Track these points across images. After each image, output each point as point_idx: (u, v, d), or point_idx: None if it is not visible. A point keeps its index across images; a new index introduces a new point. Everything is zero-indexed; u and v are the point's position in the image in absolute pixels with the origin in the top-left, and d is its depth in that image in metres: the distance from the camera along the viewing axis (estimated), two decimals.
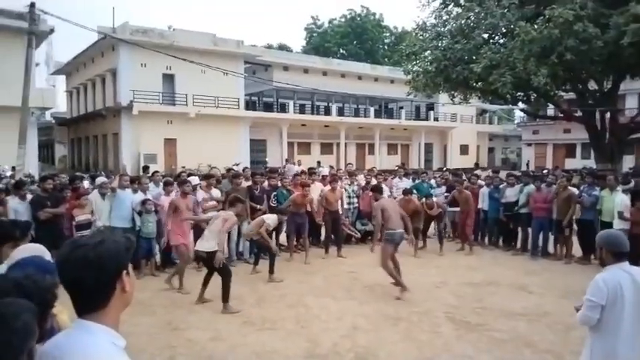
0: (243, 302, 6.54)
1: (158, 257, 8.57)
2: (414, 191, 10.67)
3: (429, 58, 19.10)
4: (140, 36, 25.49)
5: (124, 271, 1.39)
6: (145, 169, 12.06)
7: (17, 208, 7.20)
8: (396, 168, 15.71)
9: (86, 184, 10.20)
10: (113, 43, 26.25)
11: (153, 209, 8.19)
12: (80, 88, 33.70)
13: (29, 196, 7.63)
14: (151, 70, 26.65)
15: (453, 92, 20.84)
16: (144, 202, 8.14)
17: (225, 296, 6.16)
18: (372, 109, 38.40)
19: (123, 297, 1.40)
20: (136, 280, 1.48)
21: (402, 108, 41.10)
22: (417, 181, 11.84)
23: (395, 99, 40.01)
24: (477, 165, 39.05)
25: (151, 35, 26.29)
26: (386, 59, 52.16)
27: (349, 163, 18.61)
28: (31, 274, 1.65)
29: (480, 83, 17.79)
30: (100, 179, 8.81)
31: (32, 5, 13.44)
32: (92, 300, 1.35)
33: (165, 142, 27.14)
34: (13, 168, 15.59)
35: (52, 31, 20.56)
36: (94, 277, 1.32)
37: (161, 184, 9.07)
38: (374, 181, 11.23)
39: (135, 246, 1.50)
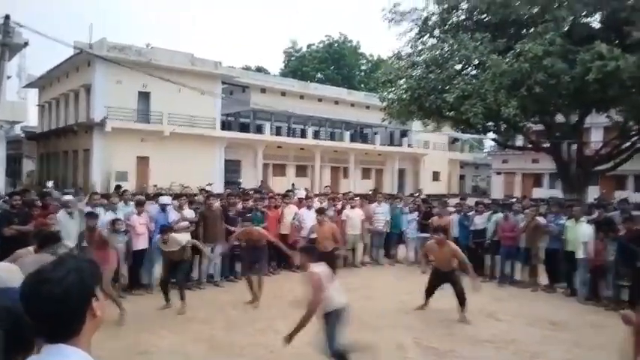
0: (212, 327, 6.44)
1: (126, 278, 8.38)
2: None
3: (404, 86, 19.52)
4: (117, 53, 25.36)
5: (93, 298, 1.37)
6: (118, 187, 11.85)
7: None
8: (370, 192, 15.87)
9: (56, 193, 9.98)
10: (89, 59, 26.03)
11: (123, 229, 8.04)
12: (52, 102, 33.14)
13: None
14: (126, 87, 26.44)
15: (426, 120, 21.29)
16: (114, 222, 7.99)
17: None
18: (347, 134, 38.87)
19: (94, 322, 1.37)
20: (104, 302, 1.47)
21: (376, 133, 41.72)
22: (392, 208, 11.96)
23: (370, 124, 40.63)
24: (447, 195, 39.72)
25: (128, 52, 26.18)
26: (362, 85, 53.04)
27: (327, 186, 18.59)
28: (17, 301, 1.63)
29: (452, 112, 18.24)
30: (67, 197, 8.61)
31: (7, 17, 13.27)
32: (63, 330, 1.32)
33: (137, 160, 26.77)
34: None
35: (26, 44, 20.27)
36: (63, 311, 1.29)
37: (132, 203, 8.94)
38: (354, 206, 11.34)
39: (99, 267, 1.48)
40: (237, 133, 32.67)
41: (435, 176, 45.21)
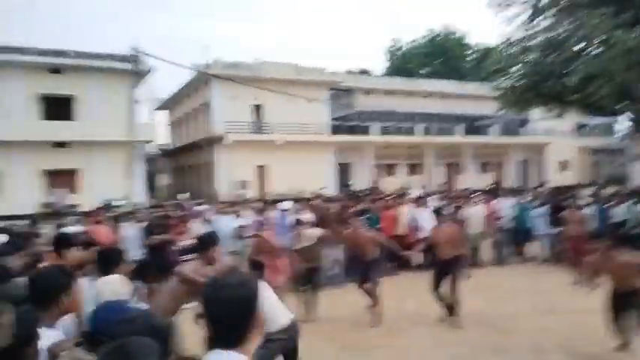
0: (341, 327, 6.56)
1: None
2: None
3: (518, 73, 18.33)
4: (230, 70, 27.06)
5: (257, 310, 1.52)
6: (240, 196, 12.65)
7: (129, 234, 7.87)
8: (490, 187, 15.10)
9: (189, 205, 10.92)
10: (206, 79, 28.11)
11: (248, 234, 8.54)
12: (180, 121, 36.33)
13: (138, 224, 8.31)
14: (240, 101, 28.13)
15: (545, 107, 19.75)
16: (240, 228, 8.54)
17: None
18: (459, 127, 37.39)
19: (256, 333, 1.52)
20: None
21: (492, 125, 39.56)
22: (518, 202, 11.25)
23: (484, 116, 38.63)
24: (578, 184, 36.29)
25: (240, 69, 27.81)
26: (472, 76, 50.74)
27: (445, 183, 17.91)
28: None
29: (575, 96, 16.71)
30: (199, 208, 9.37)
31: (134, 49, 14.87)
32: (234, 334, 1.47)
33: (256, 169, 28.31)
34: (123, 199, 17.12)
35: (150, 70, 22.51)
36: (240, 312, 1.46)
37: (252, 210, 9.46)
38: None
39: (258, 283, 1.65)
40: (345, 137, 33.02)
41: (562, 166, 41.62)
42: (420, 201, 10.54)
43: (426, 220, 9.74)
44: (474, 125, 40.62)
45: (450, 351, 5.59)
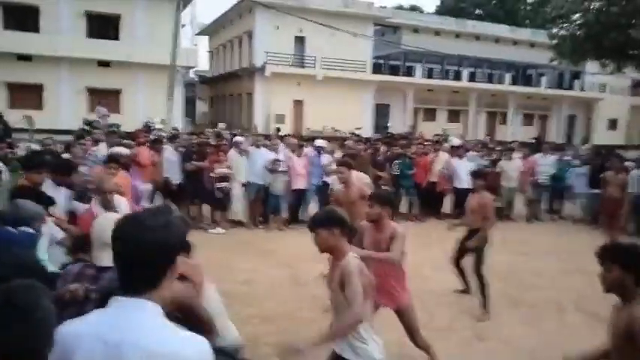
0: None
1: (285, 214, 9.07)
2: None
3: (579, 21, 17.16)
4: None
5: (178, 257, 1.37)
6: (277, 129, 12.71)
7: (170, 157, 8.09)
8: (532, 140, 14.64)
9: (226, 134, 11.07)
10: (250, 6, 27.46)
11: (281, 169, 8.65)
12: (221, 48, 36.02)
13: (178, 149, 8.51)
14: (283, 32, 27.54)
15: (604, 60, 18.59)
16: (274, 162, 8.64)
17: None
18: (507, 75, 35.78)
19: (171, 280, 1.37)
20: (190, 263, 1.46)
21: (542, 75, 37.67)
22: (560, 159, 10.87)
23: (535, 65, 36.72)
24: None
25: None
26: (527, 21, 47.79)
27: (488, 135, 17.33)
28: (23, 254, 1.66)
29: (638, 51, 15.62)
30: (238, 138, 9.47)
31: None
32: (147, 280, 1.31)
33: (293, 104, 28.15)
34: (162, 121, 17.43)
35: None
36: (157, 259, 1.30)
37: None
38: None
39: (188, 231, 1.50)
40: (387, 76, 32.16)
41: (612, 124, 39.69)
42: (457, 150, 10.34)
43: (462, 170, 9.63)
44: (524, 74, 38.76)
45: (465, 299, 5.68)
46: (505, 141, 20.29)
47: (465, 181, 9.49)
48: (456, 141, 12.13)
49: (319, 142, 9.84)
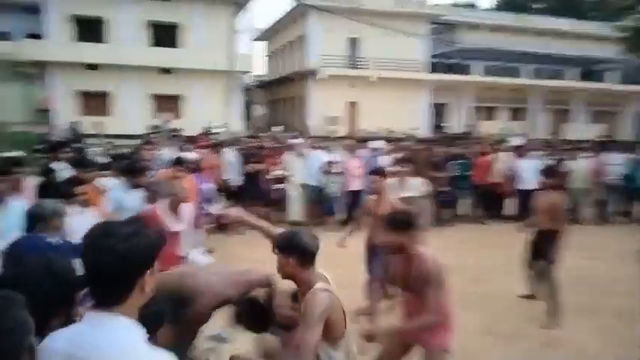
0: None
1: (339, 216, 9.07)
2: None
3: None
4: (328, 1, 26.45)
5: (148, 271, 1.30)
6: (332, 132, 12.75)
7: (231, 160, 8.33)
8: (600, 140, 13.87)
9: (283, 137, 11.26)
10: (303, 10, 27.75)
11: (337, 171, 8.66)
12: (277, 52, 36.63)
13: (238, 152, 8.73)
14: (336, 34, 27.62)
15: None
16: (329, 163, 8.67)
17: None
18: (572, 71, 34.07)
19: (140, 296, 1.30)
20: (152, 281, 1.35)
21: (609, 70, 35.59)
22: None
23: (601, 59, 34.75)
24: None
25: (338, 0, 27.07)
26: (593, 14, 45.34)
27: (554, 133, 16.54)
28: (56, 259, 1.59)
29: None
30: (294, 141, 9.59)
31: None
32: (110, 293, 1.26)
33: (347, 105, 28.15)
34: (221, 126, 17.95)
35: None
36: (118, 270, 1.24)
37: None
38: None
39: (165, 243, 1.42)
40: (444, 75, 31.46)
41: None
42: (520, 150, 9.94)
43: (526, 171, 9.26)
44: (590, 69, 36.77)
45: (532, 304, 5.44)
46: (571, 140, 19.31)
47: (528, 182, 9.13)
48: (517, 140, 11.69)
49: (375, 144, 9.78)
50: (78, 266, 1.52)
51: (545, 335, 4.75)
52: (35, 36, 23.28)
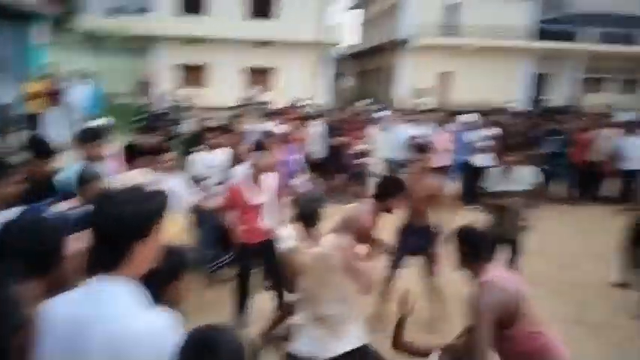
0: None
1: None
2: None
3: None
4: None
5: (144, 238, 1.33)
6: (418, 104, 12.44)
7: (317, 131, 8.48)
8: None
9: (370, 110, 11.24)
10: None
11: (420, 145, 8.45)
12: (371, 21, 35.92)
13: (324, 125, 8.83)
14: (435, 0, 26.50)
15: None
16: (413, 138, 8.48)
17: None
18: None
19: (140, 262, 1.35)
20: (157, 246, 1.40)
21: None
22: None
23: None
24: None
25: None
26: None
27: None
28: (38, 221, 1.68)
29: None
30: (380, 114, 9.50)
31: None
32: (106, 257, 1.32)
33: (440, 76, 27.11)
34: (310, 98, 18.17)
35: None
36: (110, 234, 1.30)
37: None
38: None
39: (164, 214, 1.41)
40: (549, 43, 28.94)
41: None
42: (628, 126, 9.04)
43: (633, 150, 8.47)
44: None
45: (626, 294, 5.07)
46: None
47: (634, 162, 8.35)
48: (627, 116, 10.62)
49: (465, 117, 9.38)
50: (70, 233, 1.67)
51: (637, 326, 4.43)
52: (144, 10, 24.84)
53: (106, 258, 1.32)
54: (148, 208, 1.34)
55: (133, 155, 3.72)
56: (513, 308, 2.41)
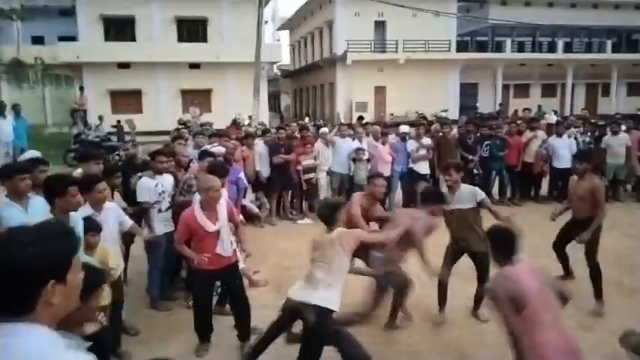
0: None
1: None
2: None
3: None
4: None
5: (51, 282, 1.21)
6: (360, 118, 12.69)
7: (262, 151, 8.38)
8: (638, 112, 13.30)
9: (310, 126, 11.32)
10: None
11: (365, 158, 8.61)
12: (301, 41, 36.52)
13: (267, 143, 8.75)
14: (364, 18, 27.34)
15: None
16: (357, 151, 8.62)
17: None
18: (609, 43, 32.65)
19: (50, 309, 1.23)
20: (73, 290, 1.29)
21: None
22: None
23: None
24: None
25: None
26: None
27: (584, 109, 15.89)
28: None
29: None
30: (323, 130, 9.58)
31: None
32: (13, 302, 1.20)
33: (375, 90, 27.88)
34: (249, 117, 18.10)
35: None
36: (12, 278, 1.18)
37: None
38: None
39: (75, 253, 1.31)
40: (473, 54, 30.70)
41: None
42: (556, 128, 9.65)
43: (562, 150, 9.03)
44: (628, 40, 35.17)
45: (570, 287, 5.32)
46: (608, 114, 18.54)
47: (565, 161, 8.89)
48: (552, 118, 11.34)
49: (403, 128, 9.65)
50: None
51: (582, 317, 4.65)
52: (70, 38, 23.97)
53: (11, 303, 1.20)
54: (53, 251, 1.22)
55: (64, 187, 3.48)
56: (519, 298, 2.74)
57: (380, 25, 28.18)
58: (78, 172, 4.98)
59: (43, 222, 1.36)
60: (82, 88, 21.16)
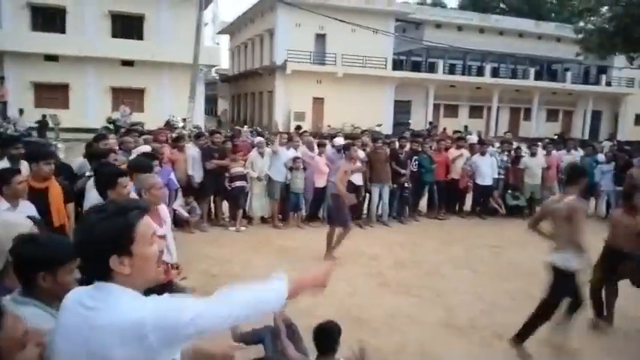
0: (380, 264, 6.72)
1: (304, 211, 9.09)
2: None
3: (607, 15, 16.78)
4: None
5: (113, 255, 1.35)
6: (298, 127, 12.75)
7: (194, 155, 8.15)
8: (555, 137, 14.38)
9: (246, 134, 11.21)
10: (272, 4, 27.59)
11: (301, 167, 8.67)
12: (241, 47, 36.27)
13: (200, 147, 8.55)
14: (304, 29, 27.61)
15: (632, 54, 18.13)
16: (295, 160, 8.66)
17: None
18: (532, 71, 35.17)
19: (126, 278, 1.38)
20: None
21: (567, 70, 36.93)
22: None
23: (560, 60, 36.05)
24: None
25: None
26: (553, 15, 46.80)
27: (507, 132, 16.98)
28: None
29: None
30: (258, 139, 9.53)
31: None
32: (90, 271, 1.41)
33: (313, 101, 28.19)
34: (184, 120, 17.64)
35: None
36: (88, 252, 1.39)
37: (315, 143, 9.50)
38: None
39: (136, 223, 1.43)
40: (408, 73, 31.94)
41: (639, 120, 38.68)
42: (479, 147, 10.20)
43: (485, 167, 9.55)
44: (549, 69, 38.04)
45: (486, 298, 5.63)
46: (528, 137, 19.87)
47: (487, 178, 9.42)
48: (473, 138, 11.97)
49: (338, 141, 9.79)
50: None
51: (499, 327, 4.90)
52: None
53: (92, 271, 1.40)
54: (110, 224, 1.37)
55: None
56: None
57: (320, 38, 28.62)
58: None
59: (105, 203, 1.60)
60: (2, 79, 19.73)
